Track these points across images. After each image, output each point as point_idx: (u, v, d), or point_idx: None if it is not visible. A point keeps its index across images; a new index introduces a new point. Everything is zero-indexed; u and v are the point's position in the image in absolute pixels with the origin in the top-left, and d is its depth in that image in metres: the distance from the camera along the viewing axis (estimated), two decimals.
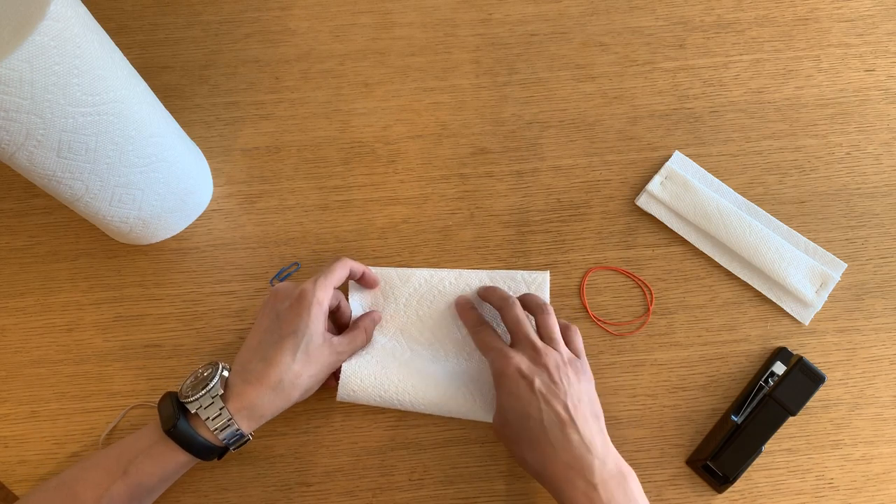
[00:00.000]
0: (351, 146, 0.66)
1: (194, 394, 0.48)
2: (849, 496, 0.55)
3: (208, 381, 0.48)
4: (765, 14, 0.71)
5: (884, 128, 0.66)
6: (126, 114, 0.49)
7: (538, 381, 0.48)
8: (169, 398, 0.49)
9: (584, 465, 0.45)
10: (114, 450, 0.49)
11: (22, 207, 0.64)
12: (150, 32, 0.71)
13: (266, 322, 0.51)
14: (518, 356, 0.50)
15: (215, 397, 0.48)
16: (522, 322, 0.52)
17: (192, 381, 0.50)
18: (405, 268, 0.61)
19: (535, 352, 0.50)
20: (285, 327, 0.50)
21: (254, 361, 0.50)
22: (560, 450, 0.46)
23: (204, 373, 0.50)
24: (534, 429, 0.47)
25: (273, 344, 0.50)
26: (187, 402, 0.48)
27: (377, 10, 0.72)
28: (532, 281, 0.60)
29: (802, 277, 0.59)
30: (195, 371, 0.51)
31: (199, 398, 0.47)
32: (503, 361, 0.50)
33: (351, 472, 0.56)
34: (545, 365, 0.49)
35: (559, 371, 0.49)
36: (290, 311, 0.50)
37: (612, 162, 0.65)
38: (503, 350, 0.51)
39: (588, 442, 0.46)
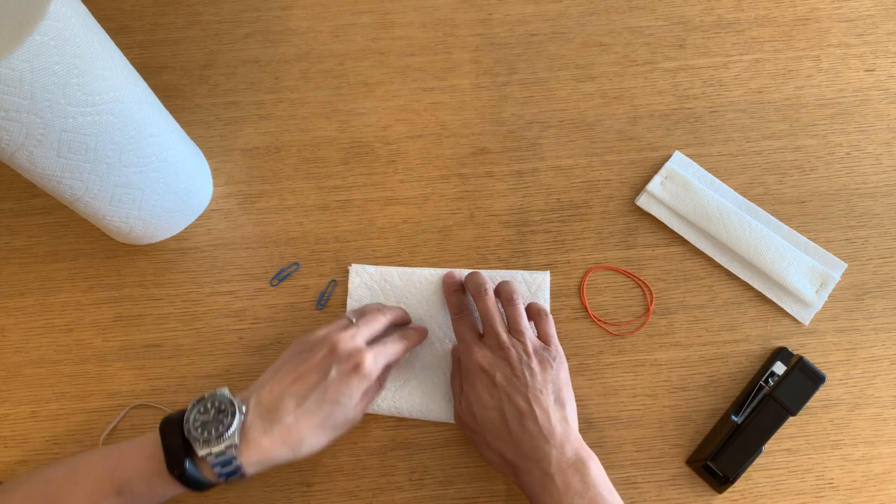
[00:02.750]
0: (351, 146, 0.66)
1: (206, 439, 0.44)
2: (849, 496, 0.55)
3: (224, 428, 0.45)
4: (765, 14, 0.71)
5: (884, 128, 0.66)
6: (126, 114, 0.49)
7: (499, 375, 0.49)
8: (176, 431, 0.45)
9: (542, 456, 0.46)
10: (107, 459, 0.47)
11: (22, 207, 0.64)
12: (150, 32, 0.71)
13: (314, 377, 0.48)
14: (482, 351, 0.51)
15: (230, 447, 0.45)
16: (492, 314, 0.53)
17: (202, 415, 0.46)
18: (406, 267, 0.61)
19: (500, 346, 0.51)
20: (330, 393, 0.47)
21: (282, 412, 0.46)
22: (518, 441, 0.47)
23: (219, 412, 0.46)
24: (495, 420, 0.49)
25: (311, 408, 0.47)
26: (197, 445, 0.45)
27: (377, 10, 0.72)
28: (532, 281, 0.60)
29: (802, 277, 0.59)
30: (204, 399, 0.47)
31: (212, 445, 0.44)
32: (468, 355, 0.51)
33: (351, 472, 0.55)
34: (507, 359, 0.50)
35: (521, 363, 0.50)
36: (342, 380, 0.48)
37: (612, 162, 0.65)
38: (470, 344, 0.52)
39: (546, 432, 0.47)
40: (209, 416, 0.46)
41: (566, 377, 0.52)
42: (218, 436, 0.45)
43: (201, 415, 0.46)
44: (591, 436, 0.56)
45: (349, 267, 0.61)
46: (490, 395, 0.49)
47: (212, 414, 0.46)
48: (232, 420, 0.45)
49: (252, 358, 0.59)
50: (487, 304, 0.54)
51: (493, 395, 0.49)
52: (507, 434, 0.48)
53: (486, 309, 0.54)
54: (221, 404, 0.46)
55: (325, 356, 0.48)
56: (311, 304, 0.60)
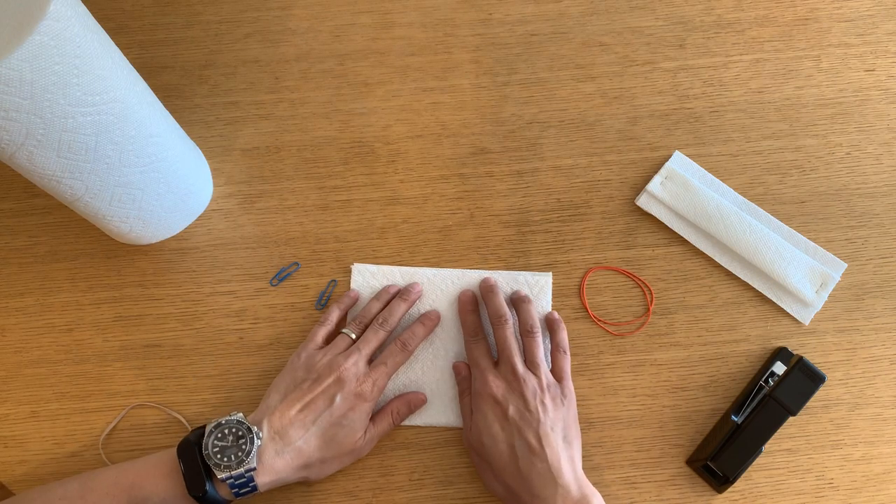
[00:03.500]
0: (351, 146, 0.66)
1: (227, 464, 0.47)
2: (849, 496, 0.55)
3: (243, 455, 0.47)
4: (765, 14, 0.71)
5: (884, 128, 0.66)
6: (126, 114, 0.49)
7: (512, 408, 0.50)
8: (194, 455, 0.48)
9: (548, 494, 0.47)
10: (123, 476, 0.48)
11: (22, 207, 0.64)
12: (150, 32, 0.71)
13: (320, 404, 0.50)
14: (496, 381, 0.51)
15: (250, 471, 0.48)
16: (509, 344, 0.53)
17: (220, 441, 0.48)
18: (408, 266, 0.61)
19: (515, 377, 0.51)
20: (336, 418, 0.51)
21: (292, 437, 0.49)
22: (527, 477, 0.48)
23: (238, 438, 0.48)
24: (503, 454, 0.49)
25: (317, 431, 0.50)
26: (218, 470, 0.47)
27: (377, 10, 0.72)
28: (535, 283, 0.60)
29: (802, 277, 0.59)
30: (221, 425, 0.49)
31: (233, 469, 0.47)
32: (482, 383, 0.52)
33: (351, 472, 0.55)
34: (521, 392, 0.50)
35: (535, 398, 0.50)
36: (345, 405, 0.51)
37: (612, 162, 0.65)
38: (484, 371, 0.52)
39: (555, 471, 0.48)
40: (227, 442, 0.48)
41: (575, 415, 0.53)
42: (238, 462, 0.47)
43: (219, 441, 0.48)
44: (591, 436, 0.56)
45: (351, 266, 0.61)
46: (501, 428, 0.50)
47: (230, 440, 0.48)
48: (251, 447, 0.48)
49: (252, 358, 0.59)
50: (506, 334, 0.54)
51: (505, 427, 0.49)
52: (516, 469, 0.48)
53: (505, 339, 0.54)
54: (239, 430, 0.49)
55: (330, 385, 0.51)
56: (311, 304, 0.60)
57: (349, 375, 0.51)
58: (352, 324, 0.56)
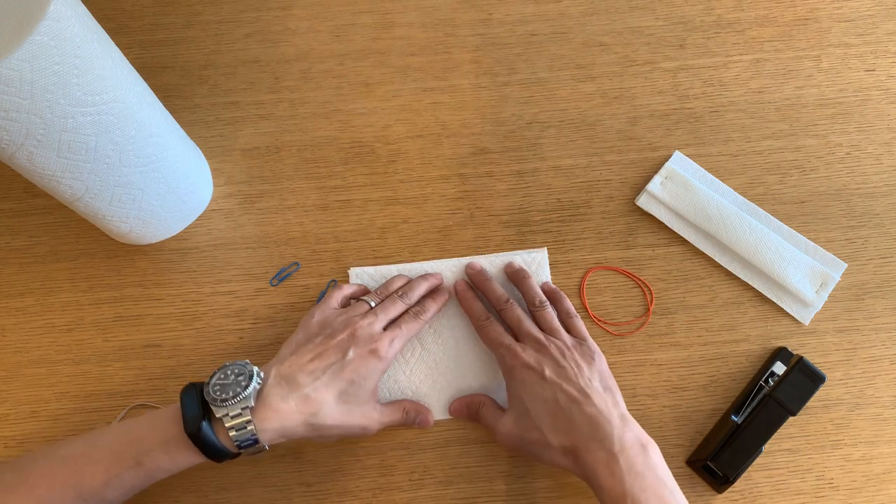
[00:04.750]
0: (351, 146, 0.66)
1: (224, 399, 0.46)
2: (849, 496, 0.55)
3: (240, 390, 0.46)
4: (765, 14, 0.71)
5: (884, 128, 0.66)
6: (126, 114, 0.49)
7: (548, 370, 0.50)
8: (195, 393, 0.47)
9: (604, 435, 0.47)
10: (126, 433, 0.48)
11: (22, 207, 0.64)
12: (150, 32, 0.71)
13: (332, 356, 0.50)
14: (526, 350, 0.52)
15: (245, 409, 0.46)
16: (523, 320, 0.54)
17: (222, 380, 0.48)
18: (405, 263, 0.61)
19: (540, 345, 0.52)
20: (347, 372, 0.50)
21: (300, 383, 0.48)
22: (578, 425, 0.48)
23: (238, 376, 0.48)
24: (551, 410, 0.49)
25: (327, 381, 0.49)
26: (215, 405, 0.46)
27: (377, 10, 0.72)
28: (532, 261, 0.61)
29: (802, 277, 0.59)
30: (226, 367, 0.49)
31: (229, 406, 0.46)
32: (512, 358, 0.52)
33: (351, 472, 0.55)
34: (551, 355, 0.51)
35: (564, 357, 0.51)
36: (359, 359, 0.50)
37: (612, 162, 0.65)
38: (511, 346, 0.52)
39: (606, 415, 0.48)
40: (228, 381, 0.47)
41: (607, 368, 0.53)
42: (234, 395, 0.46)
43: (221, 380, 0.48)
44: None
45: (348, 271, 0.61)
46: (542, 388, 0.50)
47: (231, 379, 0.48)
48: (249, 382, 0.47)
49: (252, 358, 0.59)
50: (516, 314, 0.54)
51: (546, 387, 0.50)
52: (566, 420, 0.48)
53: (517, 318, 0.54)
54: (242, 371, 0.48)
55: (344, 339, 0.51)
56: (311, 304, 0.60)
57: (364, 333, 0.51)
58: (372, 294, 0.56)
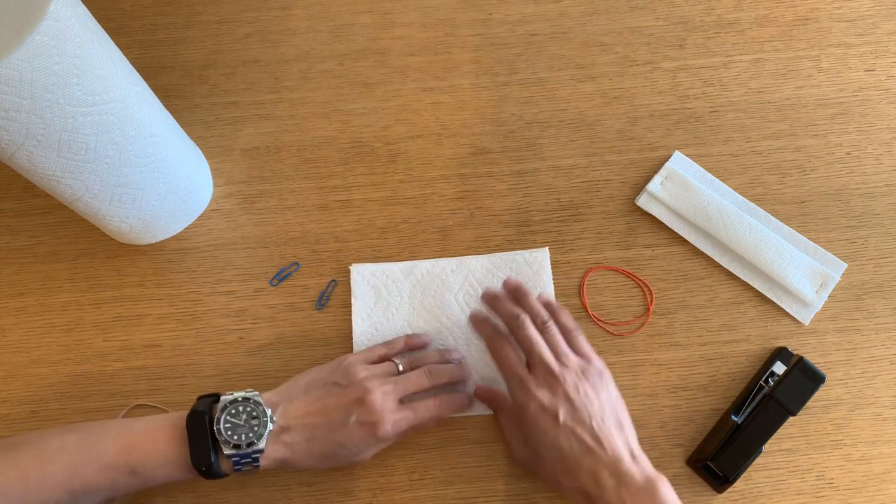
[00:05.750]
0: (351, 146, 0.66)
1: (237, 441, 0.47)
2: (849, 496, 0.55)
3: (255, 437, 0.47)
4: (765, 14, 0.71)
5: (884, 128, 0.66)
6: (126, 114, 0.49)
7: (562, 413, 0.48)
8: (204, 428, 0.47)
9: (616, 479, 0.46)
10: (124, 436, 0.47)
11: (22, 207, 0.64)
12: (150, 32, 0.71)
13: (335, 416, 0.49)
14: (539, 388, 0.49)
15: (257, 453, 0.47)
16: (536, 342, 0.51)
17: (233, 418, 0.48)
18: (407, 261, 0.61)
19: (553, 377, 0.50)
20: (341, 437, 0.49)
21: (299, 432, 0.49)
22: (592, 471, 0.47)
23: (252, 418, 0.48)
24: (566, 458, 0.48)
25: (322, 437, 0.49)
26: (227, 447, 0.47)
27: (377, 10, 0.72)
28: (533, 260, 0.61)
29: (802, 277, 0.59)
30: (237, 402, 0.48)
31: (241, 449, 0.47)
32: (525, 395, 0.50)
33: (351, 472, 0.55)
34: (565, 391, 0.49)
35: (578, 392, 0.49)
36: (357, 431, 0.49)
37: (612, 162, 0.65)
38: (523, 381, 0.50)
39: (619, 457, 0.47)
40: (240, 421, 0.48)
41: (615, 389, 0.52)
42: (248, 443, 0.47)
43: (232, 417, 0.48)
44: None
45: (350, 267, 0.61)
46: (556, 435, 0.48)
47: (243, 419, 0.48)
48: (263, 430, 0.47)
49: (252, 358, 0.59)
50: (528, 333, 0.52)
51: (559, 435, 0.48)
52: (578, 468, 0.48)
53: (529, 338, 0.51)
54: (255, 411, 0.48)
55: (352, 402, 0.50)
56: (311, 304, 0.60)
57: (375, 402, 0.50)
58: (405, 359, 0.55)
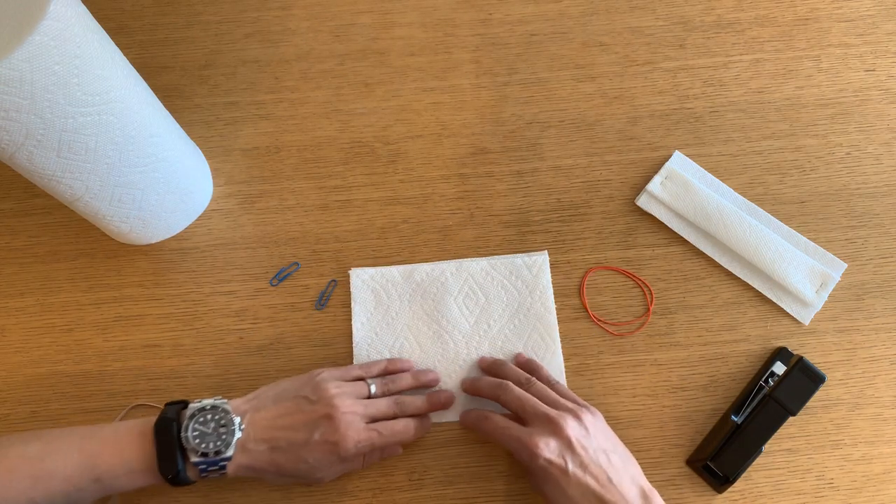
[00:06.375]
0: (351, 146, 0.66)
1: (204, 450, 0.46)
2: (849, 496, 0.55)
3: (223, 445, 0.47)
4: (765, 14, 0.71)
5: (884, 128, 0.66)
6: (126, 114, 0.49)
7: (570, 464, 0.48)
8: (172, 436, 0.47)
9: None
10: (88, 443, 0.47)
11: (22, 207, 0.64)
12: (150, 32, 0.71)
13: (299, 432, 0.48)
14: (542, 441, 0.49)
15: (224, 459, 0.47)
16: (525, 398, 0.51)
17: (201, 426, 0.47)
18: (406, 265, 0.61)
19: (553, 423, 0.49)
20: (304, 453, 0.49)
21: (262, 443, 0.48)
22: None
23: (220, 426, 0.47)
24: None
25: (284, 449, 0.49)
26: (194, 455, 0.46)
27: (377, 10, 0.72)
28: (532, 264, 0.61)
29: (802, 277, 0.59)
30: (204, 410, 0.48)
31: (209, 457, 0.46)
32: (531, 453, 0.49)
33: (351, 471, 0.55)
34: (567, 437, 0.49)
35: (581, 435, 0.49)
36: (319, 448, 0.48)
37: (612, 162, 0.65)
38: (523, 440, 0.49)
39: (622, 493, 0.48)
40: (208, 429, 0.47)
41: (611, 430, 0.52)
42: (216, 451, 0.47)
43: (200, 425, 0.47)
44: None
45: (349, 271, 0.61)
46: (567, 485, 0.48)
47: (211, 427, 0.47)
48: (231, 439, 0.47)
49: (252, 358, 0.59)
50: (516, 394, 0.52)
51: (570, 485, 0.48)
52: None
53: (517, 398, 0.52)
54: (223, 420, 0.48)
55: (319, 417, 0.49)
56: (311, 304, 0.60)
57: (340, 421, 0.49)
58: (379, 381, 0.54)
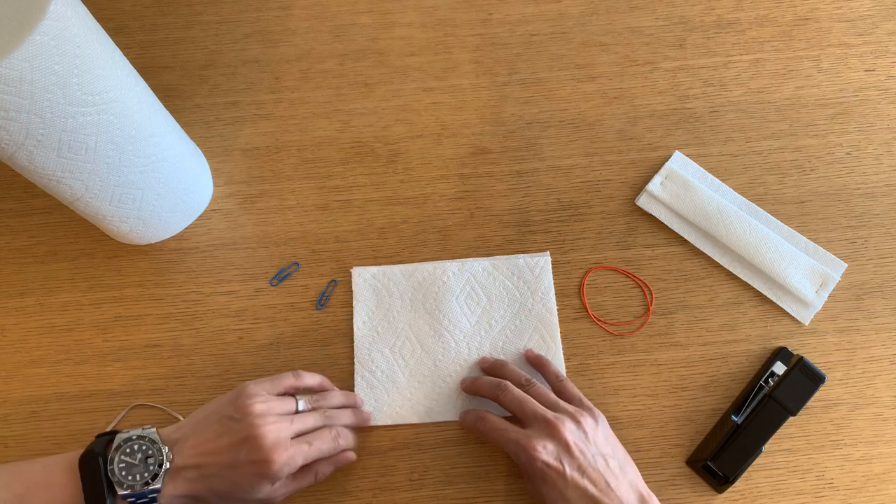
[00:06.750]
0: (351, 146, 0.66)
1: (131, 482, 0.45)
2: (849, 496, 0.55)
3: (150, 476, 0.46)
4: (765, 14, 0.71)
5: (884, 128, 0.66)
6: (126, 113, 0.49)
7: (567, 467, 0.48)
8: (97, 470, 0.45)
9: None
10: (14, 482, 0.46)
11: (22, 207, 0.64)
12: (150, 32, 0.71)
13: (224, 456, 0.47)
14: (539, 444, 0.49)
15: (153, 492, 0.46)
16: (523, 400, 0.51)
17: (128, 457, 0.46)
18: (408, 264, 0.61)
19: (549, 424, 0.49)
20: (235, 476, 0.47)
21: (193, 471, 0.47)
22: None
23: (147, 458, 0.46)
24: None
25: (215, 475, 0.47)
26: (121, 488, 0.45)
27: (377, 10, 0.72)
28: (535, 265, 0.61)
29: (802, 277, 0.59)
30: (131, 440, 0.47)
31: (136, 489, 0.45)
32: (528, 455, 0.49)
33: (351, 472, 0.55)
34: (565, 441, 0.49)
35: (579, 439, 0.49)
36: (246, 471, 0.47)
37: (612, 162, 0.65)
38: (521, 442, 0.49)
39: (619, 497, 0.48)
40: (135, 460, 0.46)
41: (611, 432, 0.52)
42: (143, 483, 0.46)
43: (126, 456, 0.46)
44: None
45: (351, 270, 0.61)
46: (564, 488, 0.48)
47: (138, 457, 0.46)
48: (158, 470, 0.46)
49: (252, 358, 0.59)
50: (513, 395, 0.52)
51: (568, 488, 0.48)
52: None
53: (515, 400, 0.51)
54: (150, 449, 0.47)
55: (243, 440, 0.47)
56: (311, 304, 0.60)
57: (265, 439, 0.47)
58: (307, 398, 0.53)
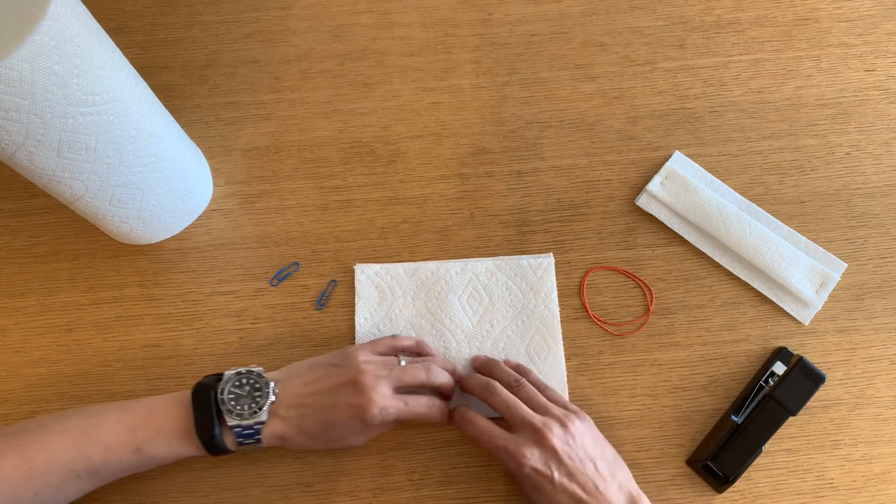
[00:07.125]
0: (351, 146, 0.66)
1: (240, 411, 0.48)
2: (849, 496, 0.55)
3: (257, 406, 0.49)
4: (765, 14, 0.71)
5: (884, 128, 0.66)
6: (126, 114, 0.49)
7: (556, 473, 0.48)
8: (208, 399, 0.49)
9: None
10: (127, 415, 0.49)
11: (22, 207, 0.64)
12: (150, 32, 0.71)
13: (326, 397, 0.50)
14: (527, 451, 0.49)
15: (259, 423, 0.49)
16: (512, 402, 0.51)
17: (237, 389, 0.49)
18: (411, 262, 0.61)
19: (537, 431, 0.49)
20: (330, 417, 0.50)
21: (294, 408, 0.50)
22: None
23: (255, 390, 0.49)
24: None
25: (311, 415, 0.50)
26: (230, 416, 0.48)
27: (377, 10, 0.72)
28: (538, 266, 0.61)
29: (802, 277, 0.59)
30: (240, 374, 0.50)
31: (244, 419, 0.48)
32: (516, 462, 0.49)
33: (351, 472, 0.55)
34: (553, 447, 0.49)
35: (567, 443, 0.49)
36: (343, 412, 0.49)
37: (612, 162, 0.65)
38: (510, 449, 0.49)
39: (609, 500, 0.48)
40: (244, 392, 0.50)
41: (600, 434, 0.52)
42: (251, 412, 0.49)
43: (236, 388, 0.50)
44: None
45: (354, 267, 0.61)
46: (553, 493, 0.48)
47: (246, 390, 0.50)
48: (265, 401, 0.49)
49: (252, 358, 0.59)
50: (501, 398, 0.52)
51: (556, 493, 0.48)
52: None
53: (504, 402, 0.52)
54: (258, 383, 0.50)
55: (345, 382, 0.50)
56: (311, 304, 0.60)
57: (366, 384, 0.49)
58: (409, 359, 0.54)
